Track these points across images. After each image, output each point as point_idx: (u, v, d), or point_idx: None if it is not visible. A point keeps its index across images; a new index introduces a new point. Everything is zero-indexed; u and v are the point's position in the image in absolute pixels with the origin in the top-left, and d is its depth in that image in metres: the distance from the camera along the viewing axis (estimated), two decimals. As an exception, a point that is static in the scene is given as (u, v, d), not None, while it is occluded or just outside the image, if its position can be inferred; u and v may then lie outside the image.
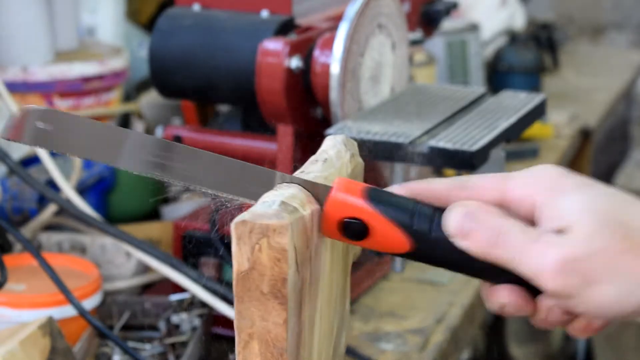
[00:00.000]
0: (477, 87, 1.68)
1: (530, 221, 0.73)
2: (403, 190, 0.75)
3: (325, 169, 0.77)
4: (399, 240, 0.73)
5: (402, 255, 0.74)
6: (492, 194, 0.75)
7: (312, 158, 0.79)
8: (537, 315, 0.74)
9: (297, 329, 0.72)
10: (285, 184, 0.74)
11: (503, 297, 0.73)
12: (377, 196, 0.74)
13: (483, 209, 0.72)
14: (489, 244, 0.71)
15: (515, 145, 1.97)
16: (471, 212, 0.72)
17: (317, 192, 0.74)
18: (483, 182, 0.75)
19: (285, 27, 1.25)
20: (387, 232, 0.73)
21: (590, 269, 0.70)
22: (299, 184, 0.74)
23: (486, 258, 0.72)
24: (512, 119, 1.20)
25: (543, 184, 0.74)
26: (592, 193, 0.73)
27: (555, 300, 0.72)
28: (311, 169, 0.77)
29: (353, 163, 0.81)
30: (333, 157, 0.79)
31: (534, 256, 0.70)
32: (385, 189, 0.75)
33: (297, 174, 0.77)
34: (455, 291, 1.39)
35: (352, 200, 0.74)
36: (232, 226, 0.70)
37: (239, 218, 0.70)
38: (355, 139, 0.85)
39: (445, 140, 1.13)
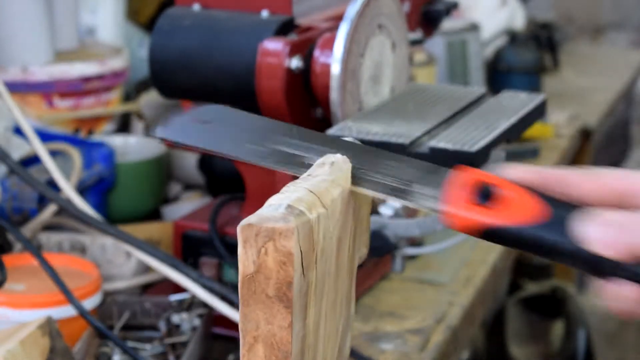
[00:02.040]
0: (477, 87, 1.68)
1: None
2: (524, 170, 0.74)
3: (332, 172, 0.77)
4: (533, 205, 0.71)
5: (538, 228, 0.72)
6: (616, 182, 0.74)
7: (319, 161, 0.79)
8: None
9: (302, 332, 0.72)
10: (292, 186, 0.74)
11: (628, 292, 0.71)
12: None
13: (609, 212, 0.71)
14: (630, 241, 0.70)
15: (516, 145, 1.97)
16: (602, 220, 0.71)
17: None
18: (607, 170, 0.75)
19: (285, 27, 1.25)
20: (523, 197, 0.71)
21: None
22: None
23: (629, 257, 0.70)
24: (513, 119, 1.20)
25: None
26: None
27: None
28: (318, 172, 0.77)
29: (352, 167, 0.81)
30: (340, 161, 0.79)
31: None
32: (512, 167, 0.74)
33: (303, 177, 0.77)
34: (455, 291, 1.39)
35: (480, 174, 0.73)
36: (238, 229, 0.70)
37: (245, 221, 0.70)
38: (356, 140, 0.84)
39: (445, 141, 1.13)
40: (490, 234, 0.72)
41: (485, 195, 0.72)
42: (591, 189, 0.74)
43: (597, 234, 0.70)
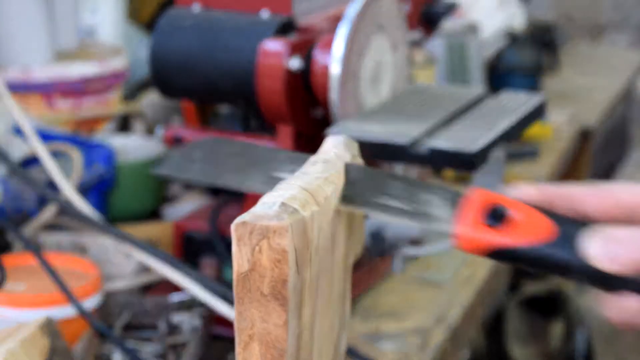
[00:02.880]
0: (477, 87, 1.68)
1: None
2: (534, 190, 0.74)
3: (326, 170, 0.77)
4: (543, 224, 0.72)
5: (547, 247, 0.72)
6: (627, 197, 0.74)
7: (312, 159, 0.79)
8: None
9: (297, 330, 0.72)
10: (285, 184, 0.74)
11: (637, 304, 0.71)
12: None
13: (616, 228, 0.71)
14: (637, 256, 0.70)
15: (515, 145, 1.97)
16: (608, 236, 0.71)
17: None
18: (617, 185, 0.75)
19: (285, 28, 1.25)
20: (531, 216, 0.72)
21: None
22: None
23: (637, 271, 0.71)
24: (512, 120, 1.20)
25: None
26: None
27: None
28: (311, 170, 0.77)
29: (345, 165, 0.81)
30: (333, 158, 0.79)
31: None
32: (517, 187, 0.75)
33: (297, 175, 0.77)
34: (455, 291, 1.39)
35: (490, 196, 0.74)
36: (232, 227, 0.70)
37: (239, 219, 0.70)
38: (355, 140, 0.84)
39: (445, 141, 1.13)
40: (498, 255, 0.73)
41: (494, 216, 0.73)
42: (599, 205, 0.74)
43: (601, 249, 0.71)
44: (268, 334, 0.71)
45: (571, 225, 0.72)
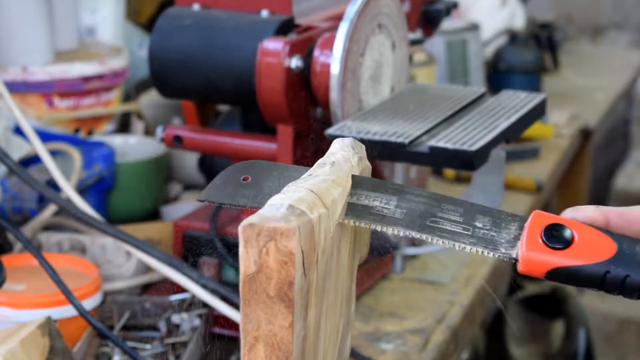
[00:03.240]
0: (477, 87, 1.68)
1: None
2: (595, 211, 0.74)
3: (333, 172, 0.77)
4: (604, 242, 0.72)
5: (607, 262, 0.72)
6: None
7: (320, 161, 0.79)
8: None
9: (302, 332, 0.72)
10: (293, 187, 0.74)
11: None
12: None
13: None
14: None
15: (516, 145, 1.97)
16: None
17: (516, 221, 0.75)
18: None
19: (285, 27, 1.25)
20: (591, 236, 0.73)
21: None
22: None
23: None
24: (512, 119, 1.20)
25: None
26: None
27: None
28: (319, 172, 0.77)
29: (361, 166, 0.81)
30: (341, 161, 0.79)
31: None
32: (576, 209, 0.75)
33: (304, 177, 0.77)
34: (455, 291, 1.39)
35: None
36: (240, 229, 0.70)
37: (246, 221, 0.70)
38: (355, 139, 0.84)
39: (445, 140, 1.13)
40: (560, 275, 0.73)
41: (556, 237, 0.73)
42: None
43: None
44: (274, 335, 0.71)
45: (630, 242, 0.72)
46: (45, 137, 1.38)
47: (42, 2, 1.62)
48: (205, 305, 1.22)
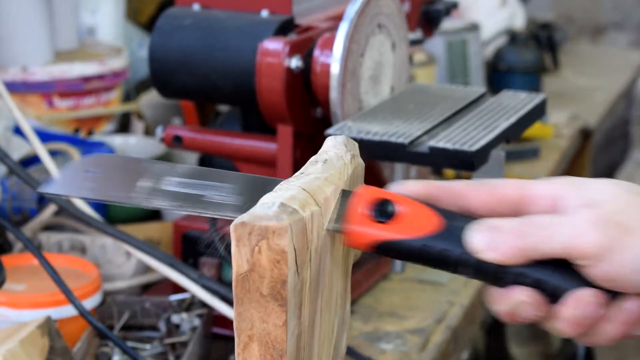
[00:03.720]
0: (477, 87, 1.68)
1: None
2: (420, 185, 0.75)
3: (325, 170, 0.77)
4: (428, 216, 0.73)
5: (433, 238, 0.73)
6: (511, 191, 0.74)
7: (312, 159, 0.79)
8: (550, 320, 0.73)
9: (297, 330, 0.72)
10: (285, 185, 0.74)
11: (522, 295, 0.71)
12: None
13: (498, 219, 0.72)
14: (518, 244, 0.71)
15: (515, 145, 1.97)
16: (489, 225, 0.72)
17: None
18: (503, 181, 0.75)
19: (285, 27, 1.25)
20: (416, 210, 0.73)
21: (625, 220, 0.70)
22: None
23: (520, 260, 0.71)
24: (512, 119, 1.20)
25: (564, 180, 0.74)
26: (613, 180, 0.74)
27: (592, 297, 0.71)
28: (311, 170, 0.77)
29: (354, 164, 0.81)
30: (333, 158, 0.79)
31: (567, 226, 0.70)
32: (404, 183, 0.75)
33: (296, 175, 0.76)
34: (455, 291, 1.39)
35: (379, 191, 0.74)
36: (232, 228, 0.70)
37: (238, 219, 0.70)
38: (355, 139, 0.84)
39: (445, 141, 1.13)
40: (385, 249, 0.74)
41: (382, 211, 0.74)
42: (485, 200, 0.74)
43: (483, 239, 0.71)
44: (267, 334, 0.71)
45: (457, 219, 0.73)
46: (45, 137, 1.38)
47: (42, 2, 1.62)
48: (205, 305, 1.22)
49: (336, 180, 0.77)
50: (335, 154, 0.79)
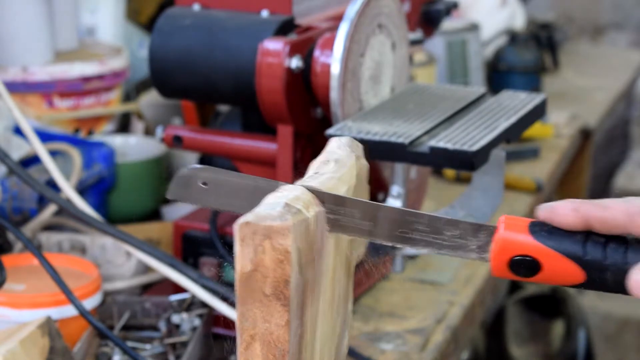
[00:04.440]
0: (477, 87, 1.68)
1: None
2: (577, 217, 0.72)
3: (338, 170, 0.77)
4: (572, 272, 0.72)
5: (576, 286, 0.73)
6: None
7: (323, 159, 0.79)
8: None
9: (299, 330, 0.72)
10: (290, 185, 0.74)
11: None
12: (545, 230, 0.73)
13: None
14: None
15: (516, 145, 1.97)
16: None
17: (482, 230, 0.74)
18: None
19: (286, 27, 1.25)
20: (559, 266, 0.72)
21: None
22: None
23: None
24: (512, 119, 1.20)
25: None
26: None
27: None
28: (324, 170, 0.77)
29: (358, 165, 0.81)
30: (344, 157, 0.79)
31: None
32: (556, 208, 0.73)
33: (308, 175, 0.77)
34: (455, 291, 1.39)
35: (520, 238, 0.73)
36: (235, 227, 0.70)
37: (242, 219, 0.70)
38: (356, 139, 0.84)
39: (445, 141, 1.13)
40: None
41: (523, 266, 0.73)
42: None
43: (634, 286, 0.70)
44: (270, 334, 0.71)
45: (600, 270, 0.72)
46: (45, 137, 1.38)
47: (42, 2, 1.62)
48: (205, 305, 1.22)
49: (348, 179, 0.77)
50: (346, 154, 0.80)
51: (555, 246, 0.72)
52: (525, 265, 0.73)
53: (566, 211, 0.72)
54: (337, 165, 0.78)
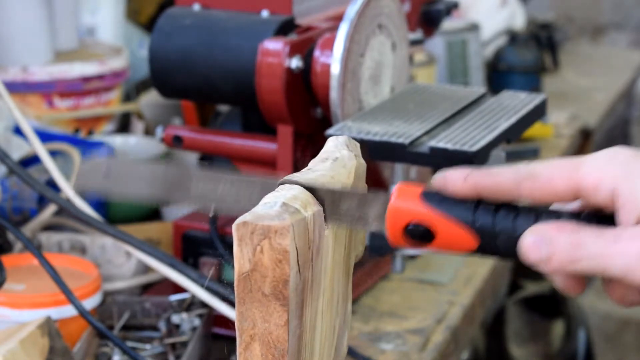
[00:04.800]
0: (477, 87, 1.68)
1: (610, 208, 0.71)
2: (467, 184, 0.73)
3: (334, 169, 0.77)
4: (465, 239, 0.73)
5: (471, 253, 0.73)
6: (563, 183, 0.72)
7: (322, 156, 0.79)
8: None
9: (298, 330, 0.72)
10: (287, 185, 0.74)
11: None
12: (437, 198, 0.73)
13: (554, 228, 0.70)
14: (569, 261, 0.69)
15: (516, 145, 1.97)
16: (543, 237, 0.70)
17: (377, 200, 0.74)
18: (552, 171, 0.72)
19: (286, 27, 1.25)
20: (452, 233, 0.73)
21: None
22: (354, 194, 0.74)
23: (570, 274, 0.71)
24: (513, 119, 1.20)
25: (619, 168, 0.72)
26: None
27: None
28: (319, 167, 0.77)
29: (355, 164, 0.81)
30: (345, 157, 0.79)
31: (618, 256, 0.69)
32: (448, 177, 0.73)
33: (303, 171, 0.77)
34: (455, 291, 1.39)
35: (412, 206, 0.73)
36: (234, 227, 0.70)
37: (240, 219, 0.70)
38: (355, 139, 0.84)
39: (445, 141, 1.13)
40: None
41: (417, 234, 0.73)
42: (538, 198, 0.72)
43: (536, 255, 0.70)
44: (269, 334, 0.71)
45: (491, 236, 0.72)
46: (45, 137, 1.38)
47: (42, 2, 1.62)
48: (205, 305, 1.22)
49: (344, 179, 0.77)
50: (347, 153, 0.80)
51: (446, 213, 0.72)
52: (419, 233, 0.73)
53: (457, 179, 0.73)
54: (334, 164, 0.78)
